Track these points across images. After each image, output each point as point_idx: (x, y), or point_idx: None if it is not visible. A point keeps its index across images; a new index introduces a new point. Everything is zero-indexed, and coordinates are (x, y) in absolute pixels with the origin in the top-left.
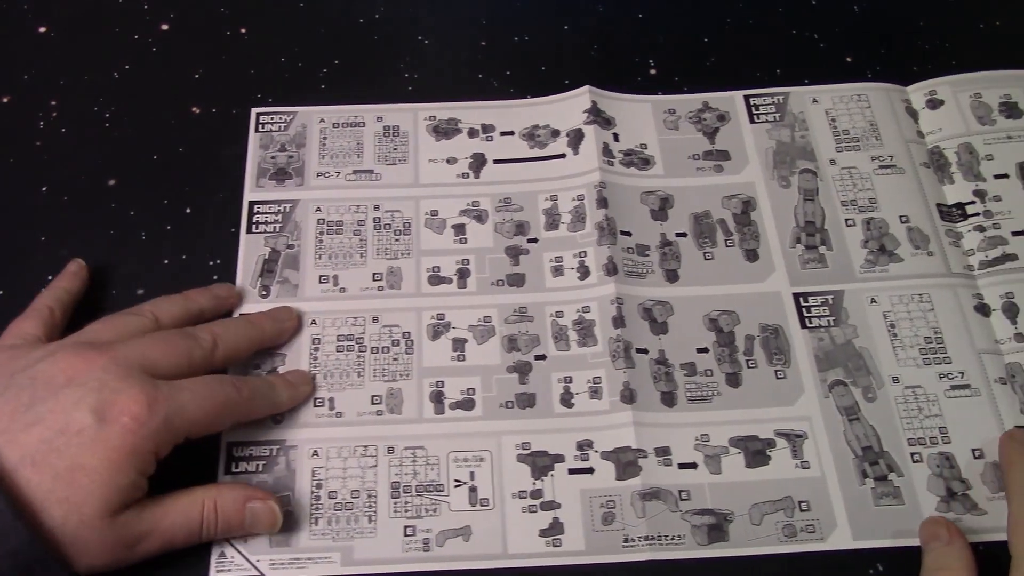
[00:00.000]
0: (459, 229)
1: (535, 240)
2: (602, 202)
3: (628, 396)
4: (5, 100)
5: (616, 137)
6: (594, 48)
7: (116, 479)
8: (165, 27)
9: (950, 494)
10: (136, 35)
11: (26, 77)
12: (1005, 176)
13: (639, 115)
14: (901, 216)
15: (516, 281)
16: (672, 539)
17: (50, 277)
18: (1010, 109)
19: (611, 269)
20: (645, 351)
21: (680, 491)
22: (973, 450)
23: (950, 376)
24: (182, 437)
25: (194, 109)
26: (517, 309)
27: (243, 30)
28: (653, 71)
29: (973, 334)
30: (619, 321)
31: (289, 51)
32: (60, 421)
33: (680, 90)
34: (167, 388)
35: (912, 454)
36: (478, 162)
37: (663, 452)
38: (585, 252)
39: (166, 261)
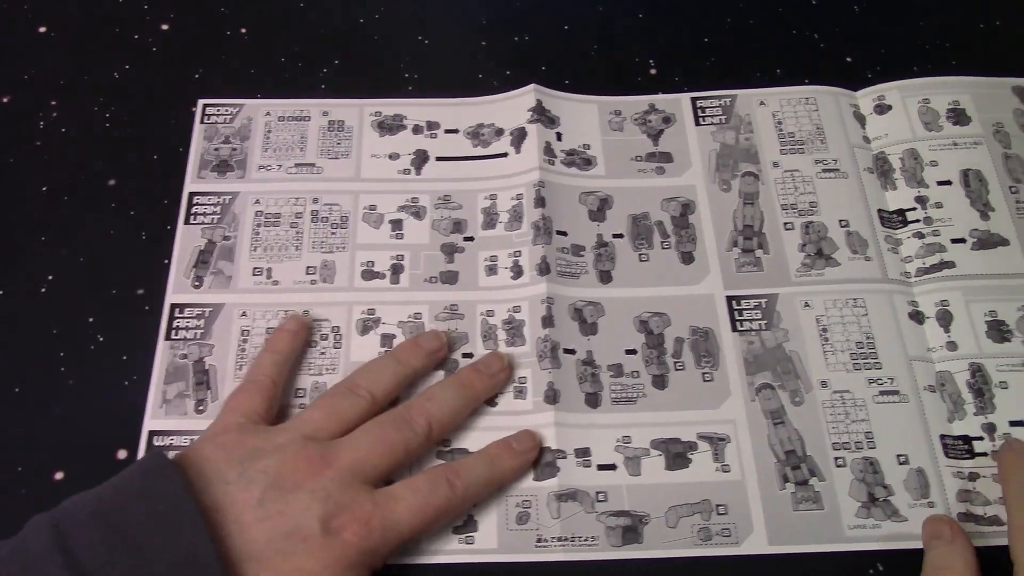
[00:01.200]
0: (396, 225)
1: (471, 238)
2: (540, 201)
3: (552, 397)
4: (5, 100)
5: (559, 136)
6: (594, 48)
7: None
8: (165, 27)
9: (871, 500)
10: (136, 35)
11: (26, 77)
12: (948, 183)
13: (584, 115)
14: (841, 220)
15: (449, 279)
16: (585, 540)
17: (51, 277)
18: (957, 116)
19: (544, 269)
20: (572, 352)
21: (598, 492)
22: (898, 456)
23: (879, 382)
24: (398, 549)
25: (193, 110)
26: (448, 307)
27: (243, 30)
28: (653, 71)
29: (905, 341)
30: (548, 321)
31: (289, 51)
32: (289, 524)
33: (680, 90)
34: (384, 502)
35: (836, 459)
36: (420, 159)
37: (583, 453)
38: (520, 251)
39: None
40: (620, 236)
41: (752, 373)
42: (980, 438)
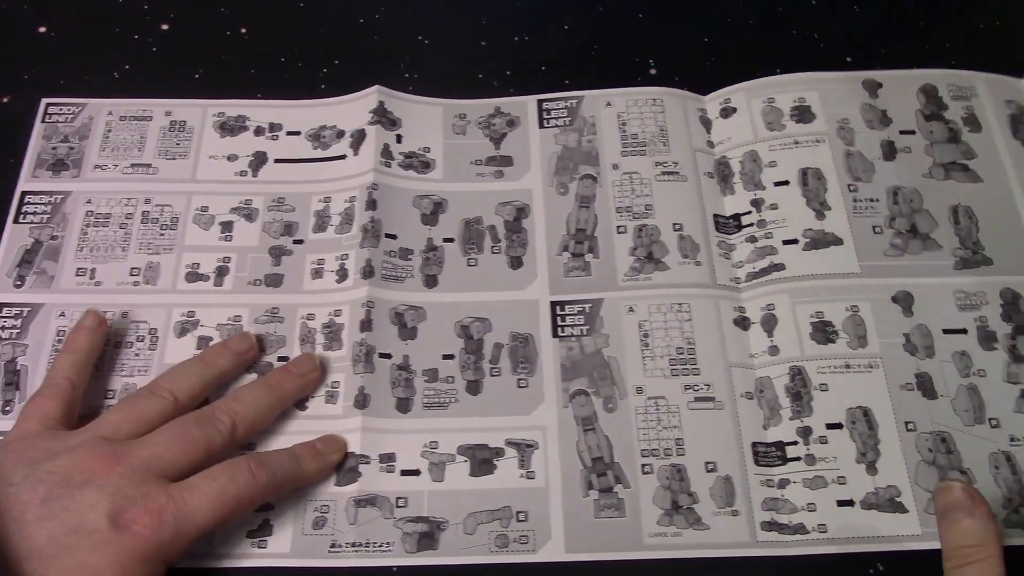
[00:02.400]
0: (227, 227)
1: (301, 241)
2: (371, 204)
3: (361, 401)
4: (5, 100)
5: (399, 139)
6: (594, 48)
7: None
8: (165, 27)
9: (675, 507)
10: (136, 35)
11: (26, 77)
12: (785, 183)
13: (428, 118)
14: (675, 224)
15: (274, 281)
16: (380, 546)
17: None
18: (801, 113)
19: (368, 272)
20: (388, 356)
21: (398, 498)
22: (707, 463)
23: (696, 388)
24: (196, 541)
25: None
26: (269, 310)
27: (243, 30)
28: (653, 71)
29: (727, 347)
30: (366, 325)
31: (289, 51)
32: (74, 520)
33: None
34: (179, 493)
35: (643, 466)
36: (259, 160)
37: (388, 458)
38: (347, 255)
39: None
40: (451, 240)
41: (568, 379)
42: (794, 443)
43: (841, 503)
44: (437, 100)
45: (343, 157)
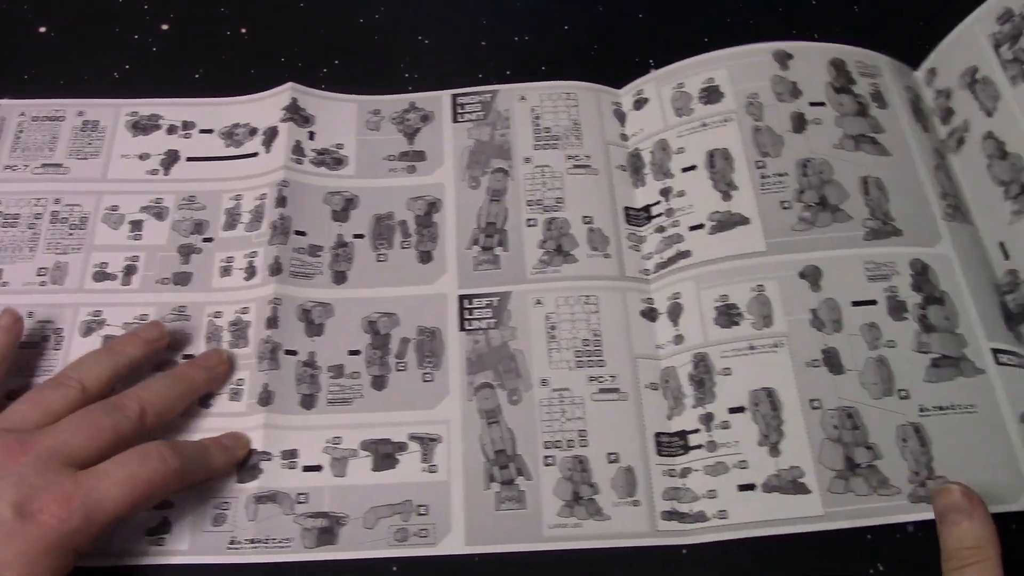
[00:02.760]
0: (136, 225)
1: (211, 239)
2: (281, 201)
3: (265, 399)
4: (5, 98)
5: (312, 136)
6: (594, 48)
7: (32, 574)
8: (165, 27)
9: (576, 498)
10: (136, 35)
11: (26, 77)
12: (693, 168)
13: (341, 114)
14: (585, 217)
15: (182, 280)
16: (279, 542)
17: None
18: (710, 94)
19: (276, 269)
20: (294, 353)
21: (299, 494)
22: (609, 454)
23: (600, 379)
24: (108, 527)
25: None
26: (176, 308)
27: (243, 30)
28: (653, 71)
29: (633, 338)
30: (272, 322)
31: (289, 51)
32: None
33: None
34: (87, 480)
35: (546, 457)
36: (171, 159)
37: (290, 455)
38: (256, 252)
39: None
40: (361, 236)
41: (473, 372)
42: (696, 431)
43: (742, 487)
44: (351, 96)
45: (255, 155)
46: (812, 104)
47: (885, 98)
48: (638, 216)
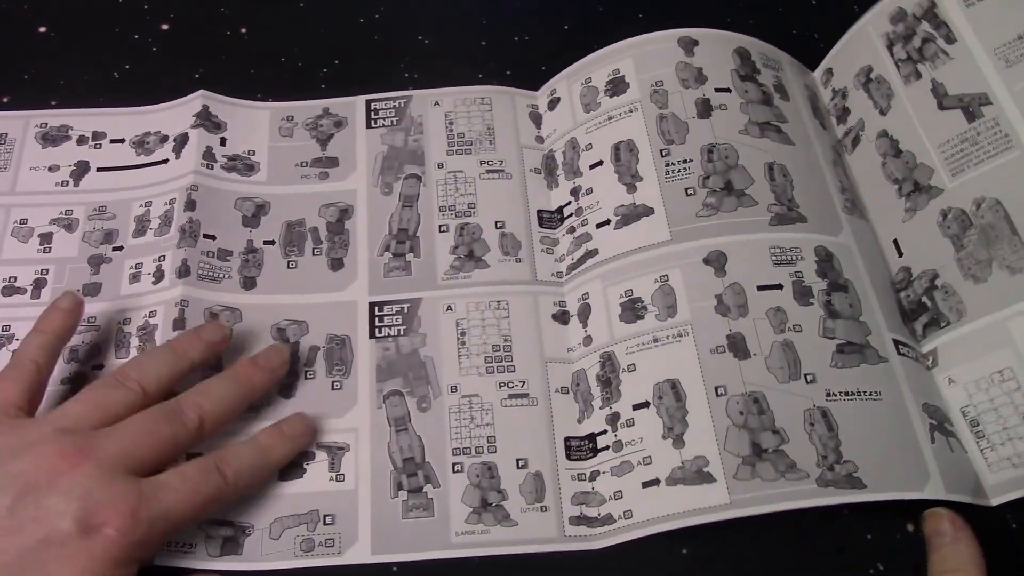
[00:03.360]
0: (46, 238)
1: (120, 248)
2: (190, 205)
3: None
4: (5, 100)
5: (223, 142)
6: (594, 48)
7: None
8: (165, 27)
9: (484, 504)
10: (136, 35)
11: (26, 77)
12: (600, 164)
13: (254, 121)
14: (497, 222)
15: (92, 290)
16: (183, 547)
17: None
18: (616, 85)
19: (184, 272)
20: None
21: None
22: (518, 460)
23: (510, 385)
24: (168, 539)
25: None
26: (86, 319)
27: (243, 30)
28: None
29: (544, 342)
30: (180, 324)
31: (289, 51)
32: (43, 530)
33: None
34: (151, 491)
35: (454, 464)
36: (81, 170)
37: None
38: (164, 256)
39: None
40: (272, 243)
41: (383, 380)
42: (604, 432)
43: (646, 484)
44: (264, 103)
45: (165, 161)
46: (718, 90)
47: (787, 91)
48: (552, 219)
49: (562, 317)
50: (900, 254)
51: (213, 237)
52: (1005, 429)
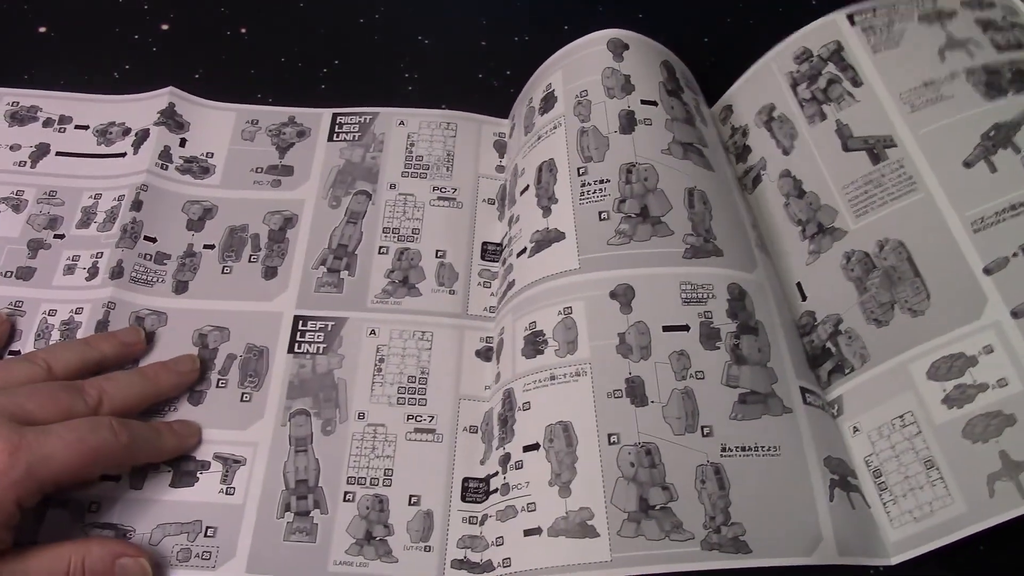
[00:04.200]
0: None
1: (62, 236)
2: (136, 205)
3: None
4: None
5: (183, 142)
6: None
7: None
8: (165, 27)
9: (368, 537)
10: (136, 35)
11: (26, 77)
12: (527, 189)
13: (218, 123)
14: (439, 251)
15: (24, 275)
16: None
17: None
18: (547, 101)
19: (117, 273)
20: None
21: (92, 502)
22: (411, 496)
23: (418, 419)
24: (50, 487)
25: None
26: (14, 303)
27: (243, 30)
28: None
29: (463, 379)
30: (103, 326)
31: (289, 51)
32: None
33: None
34: (33, 435)
35: (347, 493)
36: (40, 152)
37: None
38: (102, 253)
39: None
40: (212, 247)
41: (293, 397)
42: (496, 474)
43: (528, 532)
44: (231, 105)
45: (123, 155)
46: (644, 102)
47: (704, 116)
48: (496, 251)
49: (485, 354)
50: (804, 298)
51: (154, 239)
52: (907, 478)
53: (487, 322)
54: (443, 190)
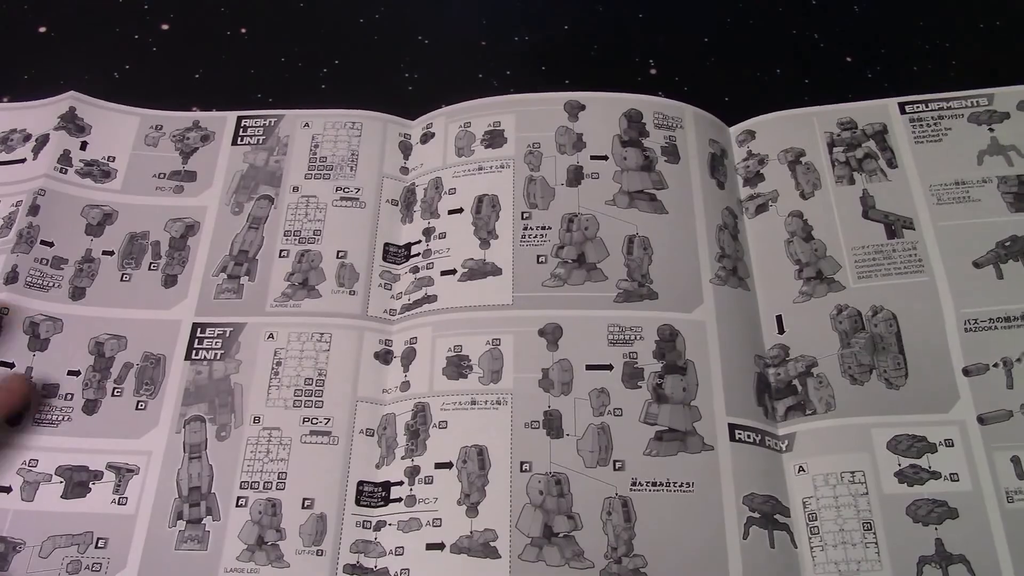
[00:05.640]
0: None
1: None
2: (33, 209)
3: None
4: (5, 100)
5: (84, 146)
6: (594, 48)
7: None
8: (165, 27)
9: (260, 543)
10: (136, 35)
11: (26, 77)
12: (460, 211)
13: (121, 127)
14: (339, 252)
15: None
16: None
17: None
18: (493, 137)
19: (11, 278)
20: (10, 365)
21: None
22: (304, 499)
23: (314, 421)
24: None
25: (194, 109)
26: None
27: (243, 30)
28: (653, 71)
29: (360, 381)
30: None
31: (289, 51)
32: None
33: (681, 91)
34: None
35: (240, 498)
36: None
37: None
38: None
39: None
40: (111, 253)
41: (188, 404)
42: (400, 483)
43: (431, 546)
44: (135, 109)
45: (23, 161)
46: (594, 157)
47: (679, 151)
48: (398, 253)
49: (384, 356)
50: (781, 331)
51: (51, 244)
52: (842, 531)
53: (387, 324)
54: (346, 190)
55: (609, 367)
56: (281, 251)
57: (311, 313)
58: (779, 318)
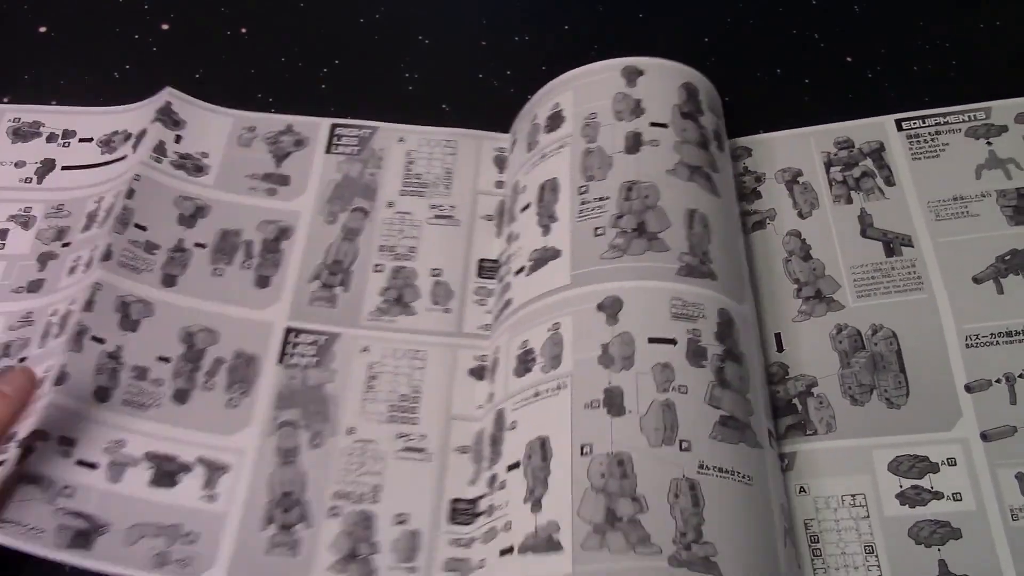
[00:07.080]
0: (1, 235)
1: (68, 244)
2: (129, 193)
3: (59, 378)
4: (5, 100)
5: (178, 139)
6: (594, 48)
7: None
8: (165, 27)
9: (352, 555)
10: (136, 35)
11: (26, 77)
12: (528, 207)
13: (215, 126)
14: (434, 270)
15: (34, 287)
16: (32, 529)
17: None
18: (553, 121)
19: (106, 255)
20: (102, 341)
21: (65, 487)
22: (398, 515)
23: (408, 437)
24: None
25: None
26: (23, 316)
27: (243, 30)
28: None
29: (454, 398)
30: (89, 305)
31: (289, 51)
32: None
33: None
34: None
35: (332, 508)
36: (46, 168)
37: (67, 442)
38: (98, 245)
39: None
40: (203, 246)
41: (281, 408)
42: (483, 495)
43: (503, 552)
44: (229, 111)
45: (124, 158)
46: (653, 124)
47: (723, 142)
48: (493, 268)
49: (479, 372)
50: (780, 349)
51: (144, 228)
52: (844, 554)
53: (482, 340)
54: (440, 208)
55: (673, 341)
56: (376, 265)
57: (406, 330)
58: (778, 336)
